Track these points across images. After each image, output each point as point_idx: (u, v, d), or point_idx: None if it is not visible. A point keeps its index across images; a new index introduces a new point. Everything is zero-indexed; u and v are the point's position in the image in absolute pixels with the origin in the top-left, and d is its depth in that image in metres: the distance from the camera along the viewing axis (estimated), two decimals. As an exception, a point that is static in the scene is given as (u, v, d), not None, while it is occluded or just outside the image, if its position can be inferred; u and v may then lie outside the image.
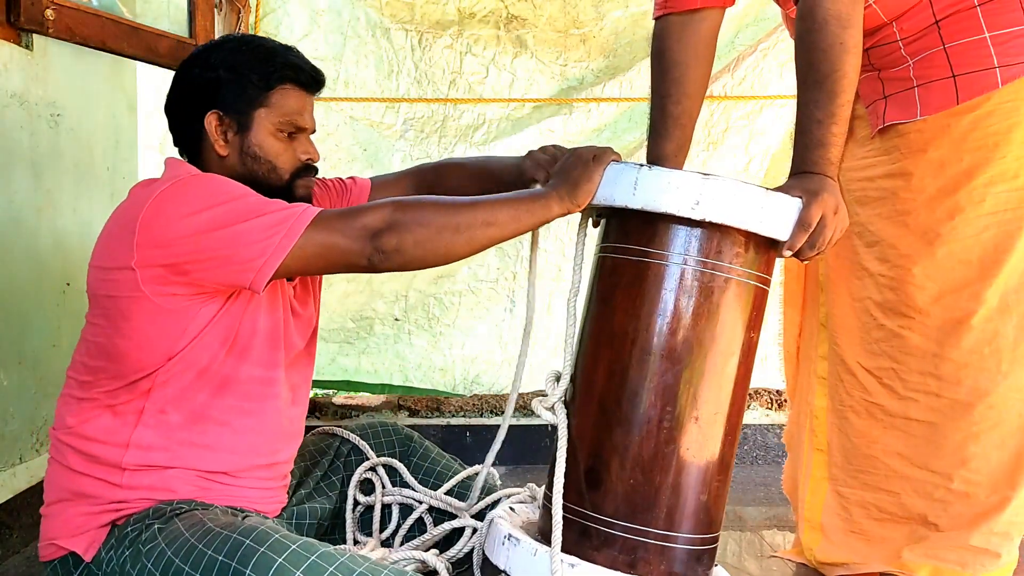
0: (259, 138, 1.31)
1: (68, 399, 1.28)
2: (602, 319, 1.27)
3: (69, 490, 1.25)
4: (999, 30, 1.42)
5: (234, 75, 1.30)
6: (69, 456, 1.25)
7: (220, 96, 1.30)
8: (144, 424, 1.23)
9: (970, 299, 1.49)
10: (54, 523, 1.26)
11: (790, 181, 1.33)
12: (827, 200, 1.24)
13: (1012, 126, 1.43)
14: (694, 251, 1.21)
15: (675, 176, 1.19)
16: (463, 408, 2.61)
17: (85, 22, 1.83)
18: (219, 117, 1.30)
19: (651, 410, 1.21)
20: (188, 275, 1.18)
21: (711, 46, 1.68)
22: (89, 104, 1.97)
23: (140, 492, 1.23)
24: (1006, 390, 1.49)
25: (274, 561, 1.02)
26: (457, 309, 2.88)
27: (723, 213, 1.18)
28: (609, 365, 1.25)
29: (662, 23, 1.67)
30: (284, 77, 1.32)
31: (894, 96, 1.52)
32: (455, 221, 1.20)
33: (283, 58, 1.33)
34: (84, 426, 1.24)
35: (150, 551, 1.14)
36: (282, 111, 1.32)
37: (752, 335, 1.27)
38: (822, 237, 1.24)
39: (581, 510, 1.23)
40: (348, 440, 1.60)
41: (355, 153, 2.80)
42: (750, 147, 2.94)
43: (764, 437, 2.67)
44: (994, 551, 1.54)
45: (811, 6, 1.37)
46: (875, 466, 1.62)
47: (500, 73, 2.85)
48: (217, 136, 1.30)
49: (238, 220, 1.16)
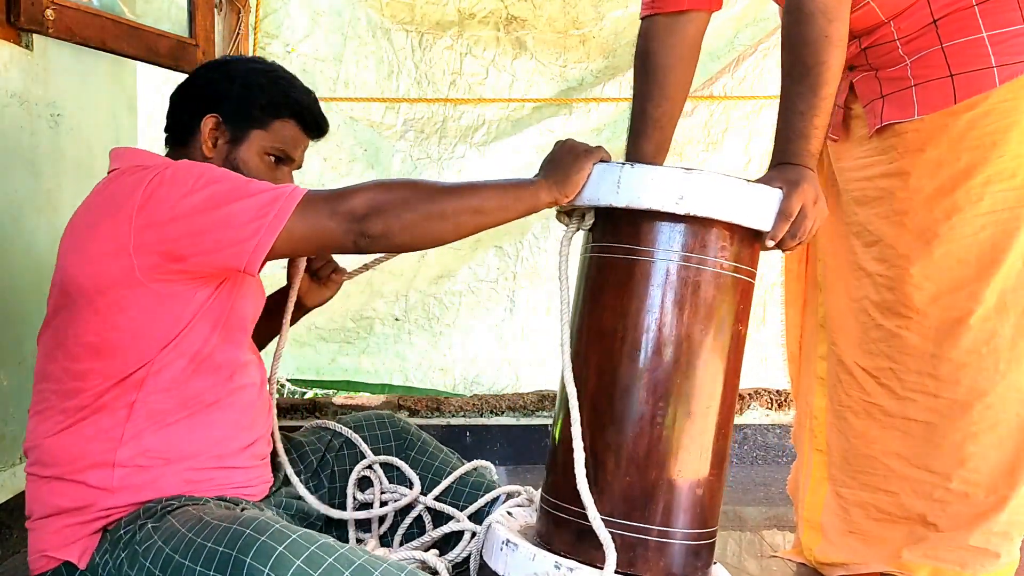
0: (247, 155, 1.34)
1: (46, 412, 1.25)
2: (591, 318, 1.27)
3: (54, 505, 1.23)
4: (997, 29, 1.42)
5: (247, 92, 1.35)
6: (51, 470, 1.23)
7: (226, 104, 1.34)
8: (136, 414, 1.22)
9: (968, 299, 1.48)
10: (42, 535, 1.24)
11: (770, 172, 1.33)
12: (807, 190, 1.25)
13: (1010, 125, 1.43)
14: (679, 246, 1.21)
15: (658, 172, 1.20)
16: (463, 408, 2.61)
17: (85, 22, 1.83)
18: (216, 122, 1.34)
19: (643, 407, 1.21)
20: (184, 260, 1.18)
21: (695, 49, 1.69)
22: (89, 104, 1.98)
23: (129, 494, 1.21)
24: (1004, 390, 1.49)
25: (274, 550, 1.02)
26: (457, 309, 2.89)
27: (707, 207, 1.18)
28: (599, 364, 1.25)
29: (648, 23, 1.68)
30: (291, 112, 1.36)
31: (892, 95, 1.52)
32: (442, 207, 1.20)
33: (297, 97, 1.37)
34: (71, 430, 1.22)
35: (147, 550, 1.13)
36: (277, 139, 1.36)
37: (740, 327, 1.27)
38: (803, 227, 1.25)
39: (578, 510, 1.23)
40: (340, 434, 1.59)
41: (355, 153, 2.81)
42: (750, 147, 2.94)
43: (764, 437, 2.67)
44: (993, 551, 1.53)
45: (799, 0, 1.38)
46: (874, 466, 1.61)
47: (500, 74, 2.85)
48: (208, 138, 1.34)
49: (230, 200, 1.17)
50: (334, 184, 2.71)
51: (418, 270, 2.84)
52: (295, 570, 1.00)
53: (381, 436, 1.62)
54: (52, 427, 1.24)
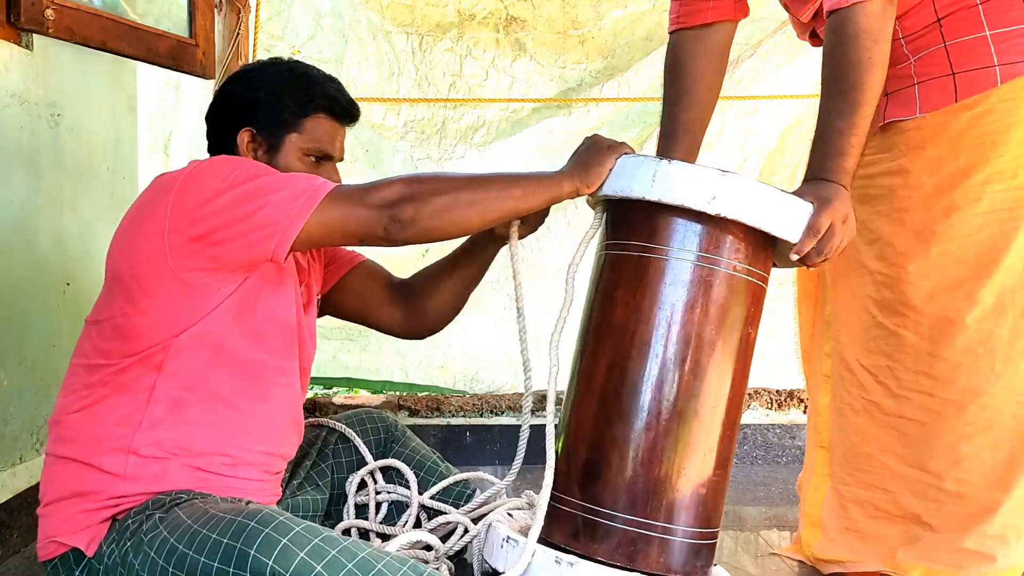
0: (287, 161, 1.37)
1: (74, 386, 1.29)
2: (603, 313, 1.28)
3: (68, 488, 1.25)
4: (1000, 28, 1.42)
5: (273, 98, 1.36)
6: (72, 447, 1.25)
7: (256, 116, 1.36)
8: (155, 400, 1.25)
9: (964, 298, 1.48)
10: (53, 521, 1.26)
11: (804, 187, 1.35)
12: (838, 208, 1.27)
13: (1010, 125, 1.43)
14: (695, 246, 1.23)
15: (695, 170, 1.21)
16: (463, 408, 2.61)
17: (85, 22, 1.83)
18: (252, 135, 1.37)
19: (651, 403, 1.22)
20: (215, 246, 1.21)
21: (724, 56, 1.72)
22: (89, 104, 1.98)
23: (140, 484, 1.23)
24: (1000, 391, 1.48)
25: (279, 542, 1.03)
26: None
27: (738, 210, 1.20)
28: (609, 359, 1.26)
29: (676, 36, 1.72)
30: (319, 107, 1.38)
31: (895, 93, 1.52)
32: (469, 195, 1.25)
33: (322, 88, 1.39)
34: (93, 409, 1.25)
35: (152, 539, 1.14)
36: (312, 138, 1.38)
37: (750, 330, 1.28)
38: (830, 244, 1.27)
39: (580, 503, 1.23)
40: (335, 430, 1.64)
41: (357, 154, 2.82)
42: (745, 146, 2.95)
43: (764, 437, 2.67)
44: (988, 554, 1.52)
45: (843, 20, 1.39)
46: (872, 464, 1.61)
47: (499, 75, 2.86)
48: (247, 152, 1.37)
49: (265, 193, 1.21)
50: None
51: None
52: (299, 562, 1.02)
53: (371, 430, 1.67)
54: (75, 402, 1.27)
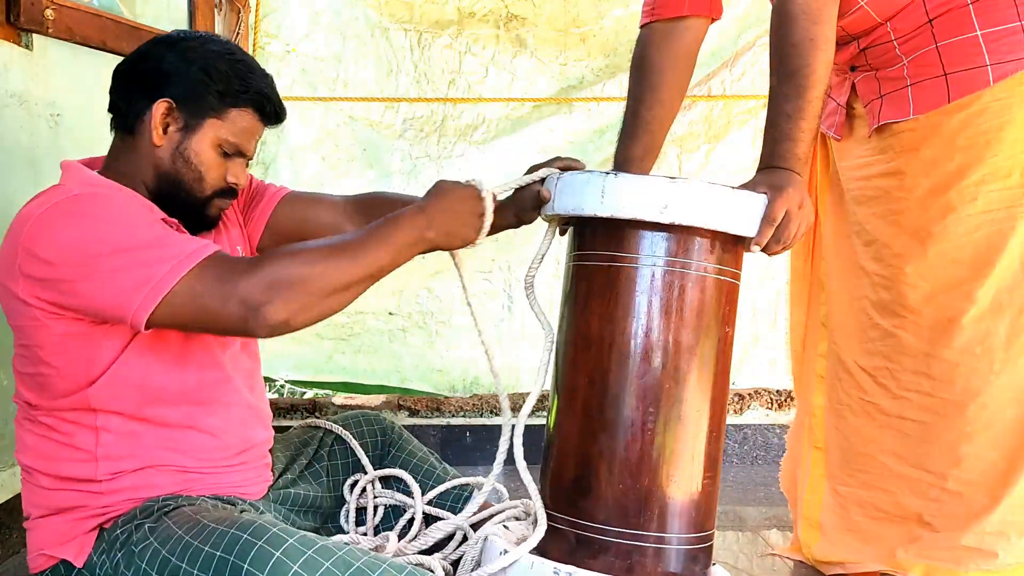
0: (200, 145, 1.26)
1: (24, 423, 1.25)
2: (579, 326, 1.27)
3: (49, 506, 1.23)
4: (991, 27, 1.41)
5: (204, 77, 1.25)
6: (41, 478, 1.23)
7: (181, 90, 1.25)
8: (104, 437, 1.21)
9: (962, 298, 1.48)
10: (40, 534, 1.24)
11: (757, 176, 1.33)
12: (791, 195, 1.25)
13: (1004, 124, 1.42)
14: (663, 252, 1.21)
15: (642, 182, 1.19)
16: (463, 408, 2.61)
17: (85, 22, 1.83)
18: (169, 107, 1.24)
19: (634, 413, 1.21)
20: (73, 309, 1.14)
21: (692, 57, 1.69)
22: (89, 104, 1.98)
23: (123, 495, 1.21)
24: (999, 390, 1.49)
25: (271, 555, 1.02)
26: (453, 310, 2.88)
27: (691, 215, 1.18)
28: (589, 371, 1.25)
29: (646, 31, 1.69)
30: (250, 101, 1.28)
31: (889, 95, 1.52)
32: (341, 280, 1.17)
33: (258, 83, 1.29)
34: (47, 447, 1.22)
35: (143, 551, 1.13)
36: (234, 130, 1.28)
37: (727, 330, 1.27)
38: (787, 232, 1.24)
39: (572, 519, 1.23)
40: (332, 431, 1.63)
41: (355, 153, 2.81)
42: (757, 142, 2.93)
43: (764, 437, 2.67)
44: (989, 550, 1.52)
45: (783, 1, 1.38)
46: (871, 465, 1.62)
47: (499, 72, 2.85)
48: (159, 124, 1.24)
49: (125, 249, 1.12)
50: (333, 184, 2.71)
51: (415, 269, 2.83)
52: (292, 575, 1.00)
53: (368, 432, 1.65)
54: (29, 436, 1.24)
